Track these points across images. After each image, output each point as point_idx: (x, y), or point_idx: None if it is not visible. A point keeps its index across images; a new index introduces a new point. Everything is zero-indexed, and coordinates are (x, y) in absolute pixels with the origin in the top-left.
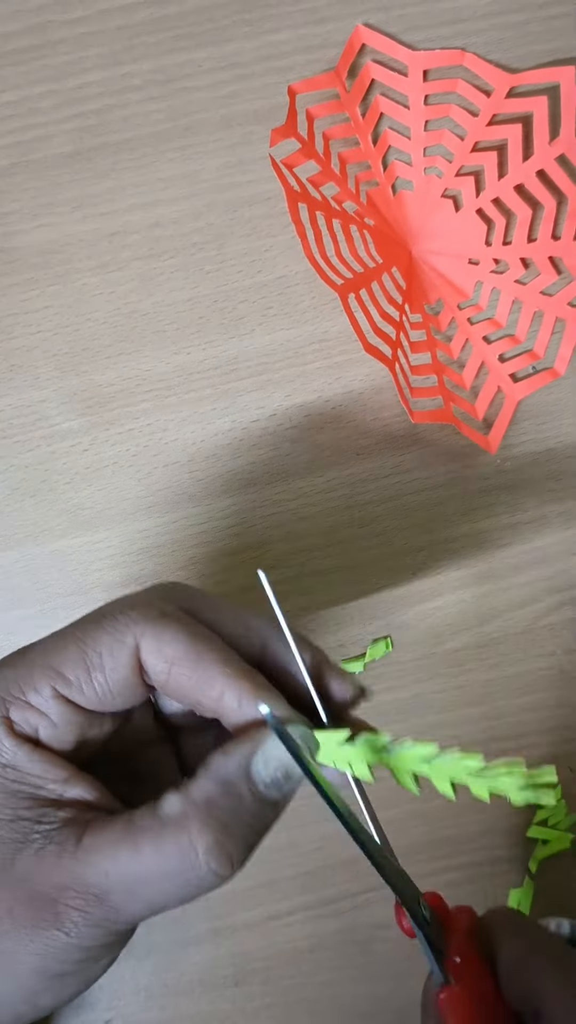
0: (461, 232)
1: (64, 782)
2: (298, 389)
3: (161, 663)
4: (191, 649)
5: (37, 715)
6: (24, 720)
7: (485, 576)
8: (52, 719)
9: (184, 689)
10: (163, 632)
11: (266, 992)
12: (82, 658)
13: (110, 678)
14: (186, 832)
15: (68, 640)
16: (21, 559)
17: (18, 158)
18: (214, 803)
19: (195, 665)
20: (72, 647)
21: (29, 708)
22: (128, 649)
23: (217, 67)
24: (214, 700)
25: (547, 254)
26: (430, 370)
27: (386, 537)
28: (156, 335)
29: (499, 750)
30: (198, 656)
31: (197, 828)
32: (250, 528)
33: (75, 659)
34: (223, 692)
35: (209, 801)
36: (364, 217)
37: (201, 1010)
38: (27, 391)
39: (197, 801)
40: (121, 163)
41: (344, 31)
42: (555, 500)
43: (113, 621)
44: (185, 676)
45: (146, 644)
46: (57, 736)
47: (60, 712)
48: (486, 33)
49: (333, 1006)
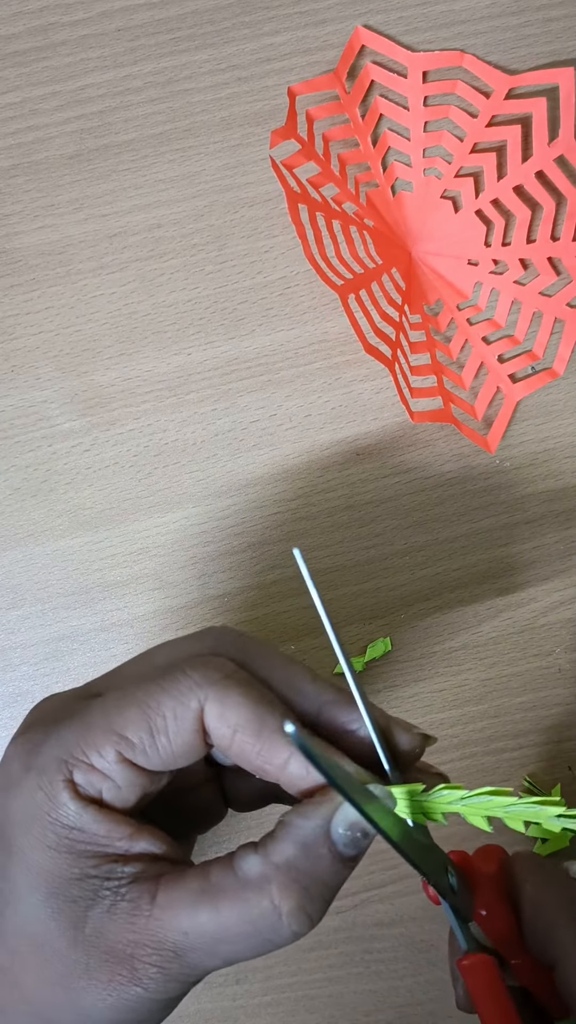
0: (460, 233)
1: (129, 838)
2: (298, 389)
3: (224, 728)
4: (254, 716)
5: (101, 777)
6: (88, 783)
7: (484, 576)
8: (116, 781)
9: (248, 755)
10: (226, 697)
11: (267, 990)
12: (146, 722)
13: (174, 741)
14: (268, 895)
15: (131, 702)
16: (22, 559)
17: (19, 159)
18: (294, 866)
19: (258, 733)
20: (135, 710)
21: (93, 771)
22: (192, 713)
23: (217, 69)
24: (278, 768)
25: (546, 255)
26: (429, 371)
27: (386, 537)
28: (156, 336)
29: (498, 749)
30: (261, 723)
31: (279, 892)
32: (250, 528)
33: (139, 722)
34: (288, 760)
35: (290, 864)
36: (364, 218)
37: (202, 1008)
38: (28, 391)
39: (279, 864)
40: (122, 164)
41: (344, 33)
42: (555, 500)
43: (175, 683)
44: (248, 743)
45: (210, 708)
46: (121, 796)
47: (124, 774)
48: (485, 35)
49: (334, 1004)
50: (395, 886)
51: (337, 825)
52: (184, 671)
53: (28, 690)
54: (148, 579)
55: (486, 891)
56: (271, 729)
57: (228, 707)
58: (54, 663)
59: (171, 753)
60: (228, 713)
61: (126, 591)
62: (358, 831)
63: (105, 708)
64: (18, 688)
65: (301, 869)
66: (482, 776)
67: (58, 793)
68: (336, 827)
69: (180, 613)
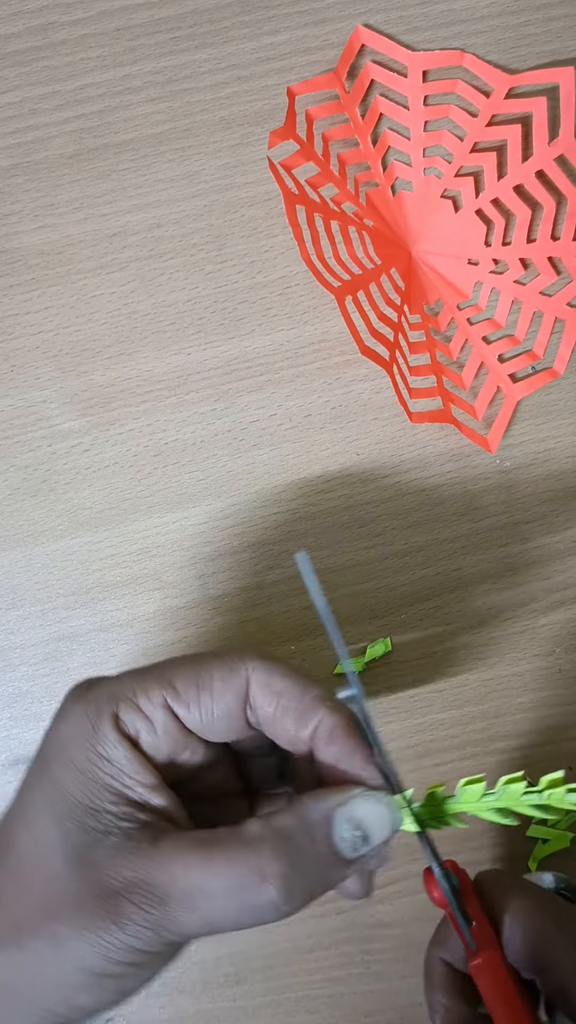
0: (460, 233)
1: (152, 788)
2: (298, 389)
3: (269, 694)
4: (297, 684)
5: (143, 719)
6: (131, 720)
7: (484, 576)
8: (156, 727)
9: (285, 723)
10: (273, 668)
11: (267, 990)
12: (195, 677)
13: (217, 701)
14: (257, 855)
15: (186, 659)
16: (22, 559)
17: (19, 159)
18: (291, 838)
19: (300, 698)
20: (188, 666)
21: (137, 711)
22: (240, 678)
23: (217, 68)
24: (311, 729)
25: (546, 254)
26: (429, 371)
27: (386, 537)
28: (156, 335)
29: (498, 749)
30: (304, 690)
31: (270, 854)
32: (250, 528)
33: (189, 676)
34: (320, 720)
35: (287, 834)
36: (363, 218)
37: (202, 1008)
38: (28, 391)
39: (276, 830)
40: (121, 164)
41: (343, 32)
42: (555, 500)
43: (228, 652)
44: (291, 710)
45: (256, 677)
46: (155, 745)
47: (164, 722)
48: (485, 34)
49: (334, 1004)
50: (395, 886)
51: (341, 815)
52: (236, 648)
53: (28, 690)
54: (148, 579)
55: (470, 902)
56: (312, 696)
57: (274, 676)
58: (54, 663)
59: (212, 713)
60: (274, 681)
61: (126, 591)
62: (358, 831)
63: (164, 662)
64: (18, 688)
65: (296, 842)
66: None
67: (102, 722)
68: (340, 819)
69: (180, 613)
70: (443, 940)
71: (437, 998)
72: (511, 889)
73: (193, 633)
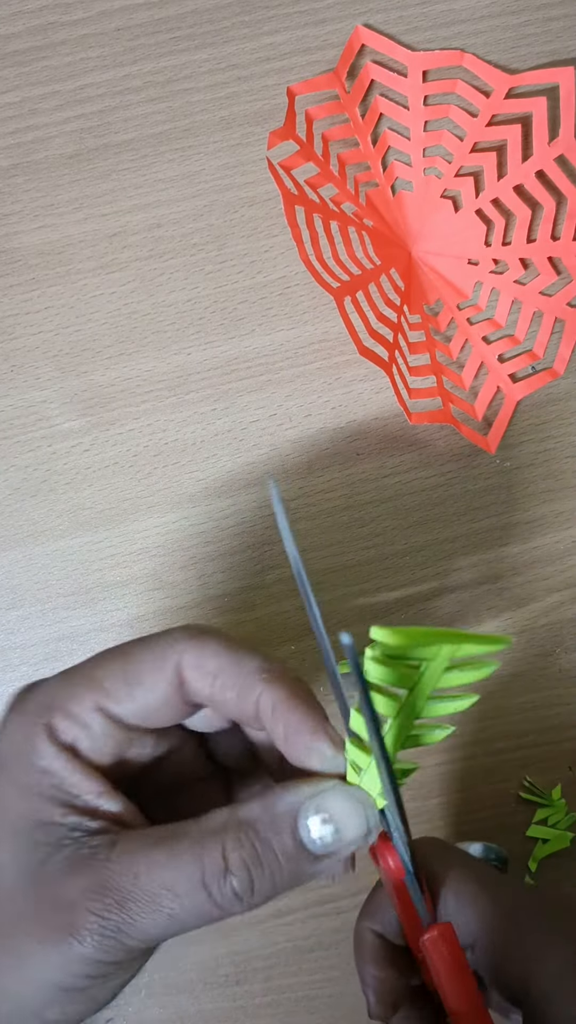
0: (460, 233)
1: (100, 795)
2: (298, 389)
3: (204, 676)
4: (232, 660)
5: (78, 726)
6: (65, 729)
7: (484, 576)
8: (93, 730)
9: (229, 701)
10: (204, 647)
11: (267, 991)
12: (123, 672)
13: (151, 692)
14: (221, 844)
15: (113, 655)
16: (22, 559)
17: (19, 159)
18: (255, 829)
19: (237, 675)
20: (115, 661)
21: (71, 718)
22: (170, 664)
23: (216, 68)
24: (253, 703)
25: (546, 254)
26: (429, 371)
27: (386, 537)
28: (156, 335)
29: (498, 749)
30: (239, 666)
31: (232, 843)
32: (250, 528)
33: (117, 672)
34: (260, 696)
35: (252, 824)
36: (363, 218)
37: (202, 1009)
38: (28, 391)
39: (240, 820)
40: (121, 164)
41: (343, 32)
42: (555, 500)
43: (156, 638)
44: (229, 687)
45: (188, 660)
46: (96, 749)
47: (101, 724)
48: (485, 34)
49: (334, 1004)
50: None
51: (309, 808)
52: (165, 631)
53: None
54: (148, 579)
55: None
56: (248, 669)
57: (206, 655)
58: (54, 663)
59: (147, 704)
60: (206, 661)
61: (126, 591)
62: (329, 827)
63: (91, 662)
64: (18, 688)
65: (261, 835)
66: (482, 776)
67: (36, 735)
68: (308, 813)
69: (180, 613)
70: (374, 912)
71: (369, 970)
72: (448, 860)
73: None
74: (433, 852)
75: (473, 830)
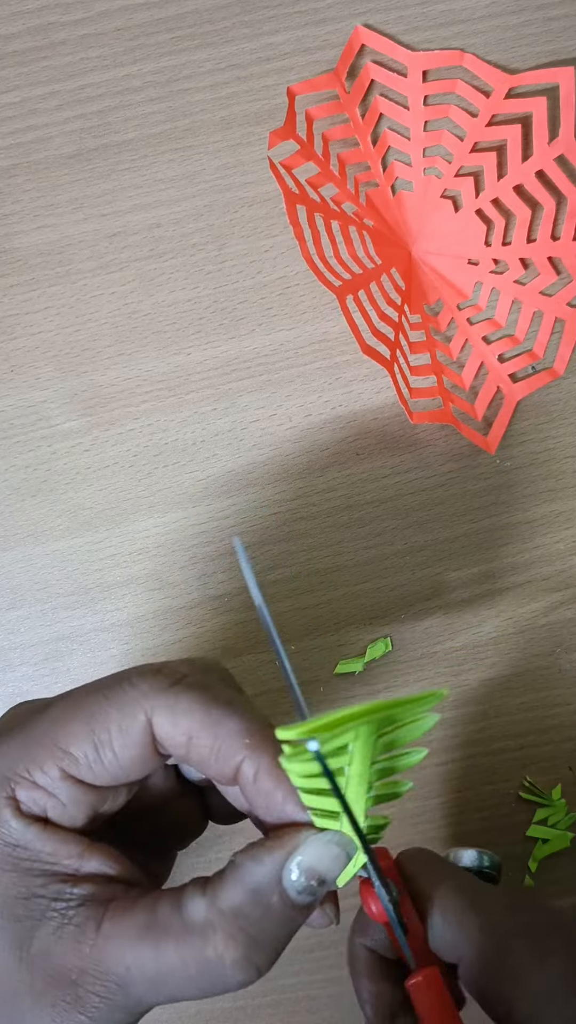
0: (460, 232)
1: (79, 857)
2: (298, 389)
3: (178, 736)
4: (208, 720)
5: (45, 795)
6: (31, 800)
7: (484, 576)
8: (61, 799)
9: (206, 762)
10: (176, 705)
11: (268, 991)
12: (90, 736)
13: (120, 755)
14: (212, 943)
15: (74, 714)
16: (21, 559)
17: (19, 159)
18: (242, 914)
19: (214, 736)
20: (79, 723)
21: (36, 788)
22: (139, 725)
23: (216, 68)
24: (234, 770)
25: (546, 254)
26: (429, 371)
27: (386, 537)
28: (156, 335)
29: (498, 749)
30: (217, 726)
31: (224, 941)
32: (250, 528)
33: (83, 737)
34: (242, 763)
35: (237, 912)
36: (363, 218)
37: (202, 1008)
38: (28, 391)
39: (224, 910)
40: (121, 164)
41: (343, 32)
42: (555, 500)
43: (121, 694)
44: (205, 749)
45: (159, 719)
46: (68, 814)
47: (69, 791)
48: (485, 34)
49: (334, 1004)
50: None
51: (290, 872)
52: (131, 681)
53: (28, 690)
54: (148, 579)
55: (396, 885)
56: (227, 732)
57: (179, 714)
58: (54, 663)
59: (119, 768)
60: (180, 720)
61: (126, 591)
62: (314, 879)
63: (51, 721)
64: (18, 688)
65: (249, 918)
66: (482, 776)
67: (1, 809)
68: (289, 873)
69: (180, 613)
70: (364, 928)
71: (364, 985)
72: (436, 877)
73: (193, 633)
74: (421, 869)
75: (473, 830)
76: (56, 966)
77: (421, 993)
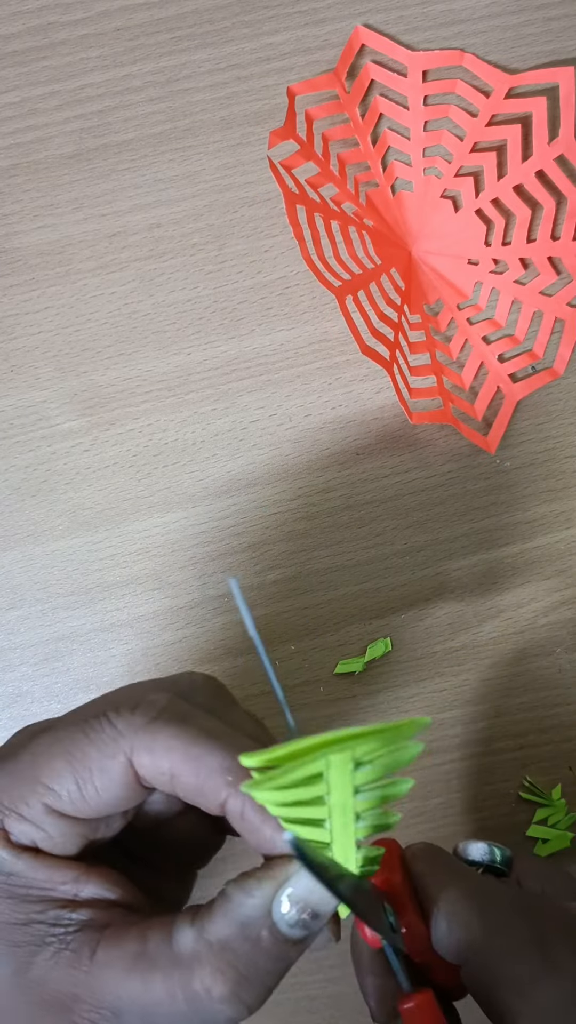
0: (460, 232)
1: (75, 882)
2: (298, 389)
3: (160, 775)
4: (188, 757)
5: (32, 828)
6: (20, 831)
7: (484, 576)
8: (48, 832)
9: (192, 797)
10: (154, 743)
11: None
12: (71, 773)
13: (103, 792)
14: (198, 977)
15: (55, 750)
16: (21, 559)
17: (19, 159)
18: (230, 948)
19: (196, 773)
20: (60, 761)
21: (24, 821)
22: (119, 765)
23: (216, 68)
24: (219, 808)
25: (546, 254)
26: (429, 371)
27: (386, 537)
28: (156, 335)
29: (498, 749)
30: (197, 764)
31: (211, 976)
32: (250, 528)
33: (64, 774)
34: (226, 800)
35: (225, 945)
36: (363, 218)
37: None
38: (28, 391)
39: (212, 943)
40: (121, 164)
41: (343, 32)
42: (555, 500)
43: (99, 733)
44: (189, 785)
45: (139, 758)
46: (58, 845)
47: (56, 825)
48: (485, 34)
49: (334, 1005)
50: None
51: (280, 904)
52: (108, 718)
53: (28, 690)
54: (148, 579)
55: (401, 906)
56: (209, 769)
57: (158, 752)
58: (54, 663)
59: (102, 803)
60: (159, 760)
61: (126, 591)
62: (306, 912)
63: (34, 755)
64: (18, 688)
65: (237, 952)
66: (482, 776)
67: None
68: (279, 906)
69: (180, 613)
70: None
71: (368, 979)
72: (442, 876)
73: (193, 633)
74: (427, 868)
75: (473, 830)
76: (52, 991)
77: (414, 1018)
